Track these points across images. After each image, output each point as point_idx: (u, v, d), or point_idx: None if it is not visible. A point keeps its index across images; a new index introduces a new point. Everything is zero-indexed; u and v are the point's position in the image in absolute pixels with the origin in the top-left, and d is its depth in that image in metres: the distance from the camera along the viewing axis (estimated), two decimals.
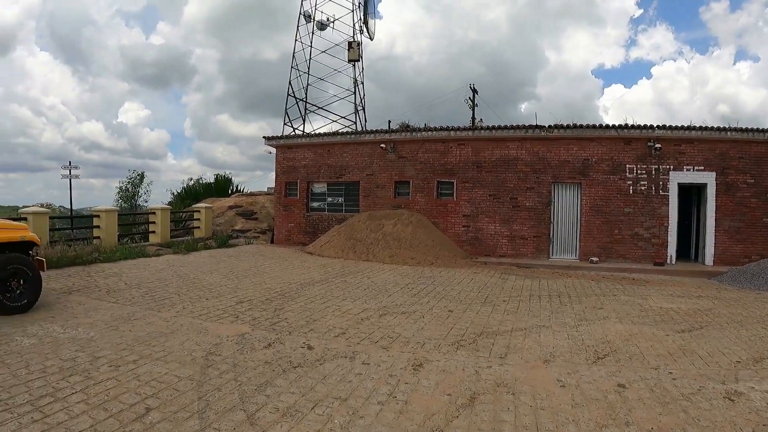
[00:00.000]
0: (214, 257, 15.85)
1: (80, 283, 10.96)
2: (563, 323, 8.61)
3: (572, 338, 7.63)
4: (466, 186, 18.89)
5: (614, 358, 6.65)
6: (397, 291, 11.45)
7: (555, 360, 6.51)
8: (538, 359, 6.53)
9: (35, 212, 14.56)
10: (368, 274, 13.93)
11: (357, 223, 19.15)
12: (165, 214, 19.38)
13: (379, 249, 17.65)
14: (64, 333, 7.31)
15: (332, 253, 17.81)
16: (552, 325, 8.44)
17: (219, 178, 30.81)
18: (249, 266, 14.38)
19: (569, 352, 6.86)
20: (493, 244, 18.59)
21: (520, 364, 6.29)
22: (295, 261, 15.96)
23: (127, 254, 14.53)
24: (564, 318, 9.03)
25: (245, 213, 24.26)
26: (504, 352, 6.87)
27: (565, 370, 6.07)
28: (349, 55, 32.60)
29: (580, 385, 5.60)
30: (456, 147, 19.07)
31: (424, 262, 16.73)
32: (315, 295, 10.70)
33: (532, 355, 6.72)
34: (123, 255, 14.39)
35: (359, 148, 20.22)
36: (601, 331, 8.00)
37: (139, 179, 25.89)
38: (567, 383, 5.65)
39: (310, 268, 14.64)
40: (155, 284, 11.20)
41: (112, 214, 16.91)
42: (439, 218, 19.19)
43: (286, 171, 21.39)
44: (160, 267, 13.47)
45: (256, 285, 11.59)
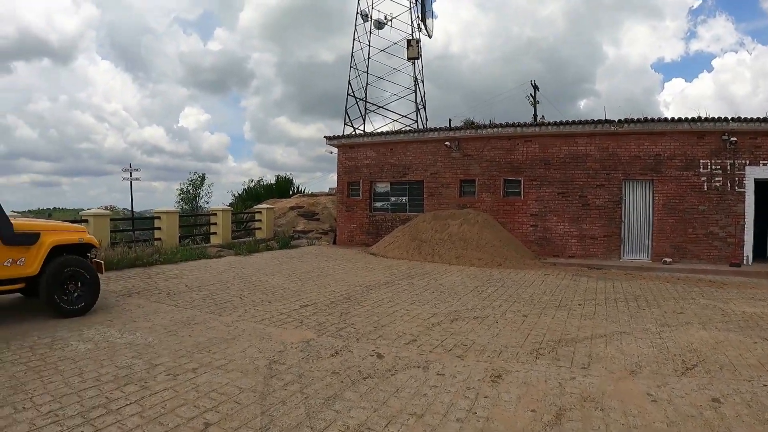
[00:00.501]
0: (276, 259, 15.40)
1: (140, 286, 10.62)
2: (644, 329, 7.94)
3: (656, 346, 6.98)
4: (533, 184, 17.99)
5: (703, 369, 6.04)
6: (466, 294, 10.75)
7: (642, 371, 5.94)
8: (624, 370, 5.96)
9: (96, 214, 14.43)
10: (435, 276, 13.23)
11: (421, 223, 18.42)
12: (226, 215, 19.12)
13: (444, 250, 16.89)
14: (121, 338, 6.88)
15: (397, 254, 17.13)
16: (633, 332, 7.77)
17: (280, 179, 30.63)
18: (312, 268, 13.83)
19: (655, 362, 6.25)
20: (561, 245, 17.66)
21: (605, 376, 5.74)
22: (359, 262, 15.35)
23: (187, 256, 14.22)
24: (644, 323, 8.35)
25: (307, 214, 23.86)
26: (586, 362, 6.26)
27: (653, 382, 5.53)
28: (408, 53, 31.91)
29: (672, 399, 5.08)
30: (522, 144, 18.17)
31: (492, 264, 15.89)
32: (382, 298, 10.05)
33: (617, 365, 6.12)
34: (184, 256, 14.08)
35: (423, 147, 19.49)
36: (685, 338, 7.36)
37: (200, 181, 25.92)
38: (658, 397, 5.12)
39: (374, 269, 13.99)
40: (216, 286, 10.76)
41: (173, 216, 16.70)
42: (505, 218, 18.31)
43: (348, 171, 20.85)
44: (221, 269, 13.07)
45: (320, 288, 11.00)
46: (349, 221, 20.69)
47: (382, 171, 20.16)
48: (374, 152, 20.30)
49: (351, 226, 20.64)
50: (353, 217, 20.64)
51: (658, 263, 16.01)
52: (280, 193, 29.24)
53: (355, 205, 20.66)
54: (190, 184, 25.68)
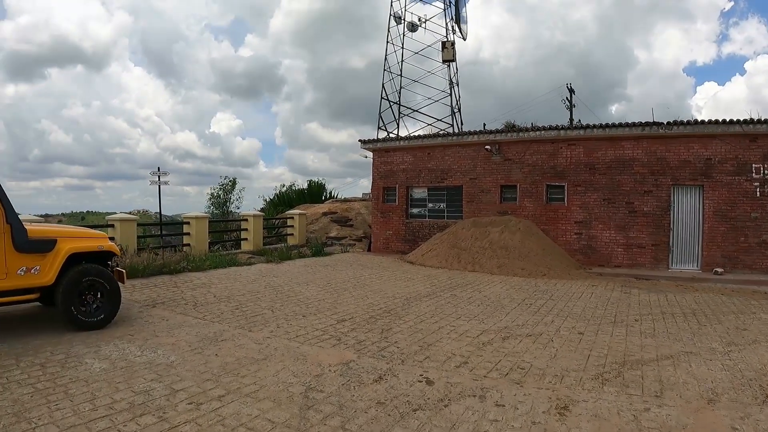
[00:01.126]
0: (310, 267, 14.67)
1: (165, 295, 9.96)
2: (711, 349, 7.18)
3: (728, 369, 6.27)
4: (578, 190, 17.05)
5: None
6: (514, 307, 9.94)
7: (719, 399, 5.28)
8: (701, 398, 5.29)
9: (122, 219, 13.91)
10: (478, 286, 12.41)
11: (461, 230, 17.56)
12: (257, 220, 18.50)
13: (485, 259, 16.01)
14: (141, 356, 6.20)
15: (435, 263, 16.30)
16: (699, 352, 7.01)
17: (312, 184, 30.00)
18: (347, 277, 13.07)
19: (732, 389, 5.56)
20: (607, 253, 16.71)
21: (681, 406, 5.08)
22: (397, 271, 14.54)
23: (217, 263, 13.58)
24: (709, 341, 7.59)
25: (340, 220, 23.15)
26: (658, 389, 5.53)
27: (735, 413, 4.89)
28: (444, 56, 31.07)
29: None
30: (566, 147, 17.26)
31: (536, 273, 14.98)
32: (424, 312, 9.25)
33: (692, 393, 5.44)
34: (213, 264, 13.44)
35: (461, 151, 18.64)
36: (756, 360, 6.63)
37: (230, 185, 25.31)
38: None
39: (413, 279, 13.18)
40: (246, 297, 10.05)
41: (203, 221, 16.11)
42: (548, 225, 17.38)
43: (383, 176, 20.08)
44: (251, 277, 12.38)
45: (357, 300, 10.22)
46: (385, 228, 19.91)
47: (419, 176, 19.34)
48: (411, 156, 19.49)
49: (386, 232, 19.85)
50: (389, 224, 19.85)
51: (709, 273, 15.05)
52: (312, 199, 28.60)
53: (390, 211, 19.87)
54: (220, 189, 25.15)
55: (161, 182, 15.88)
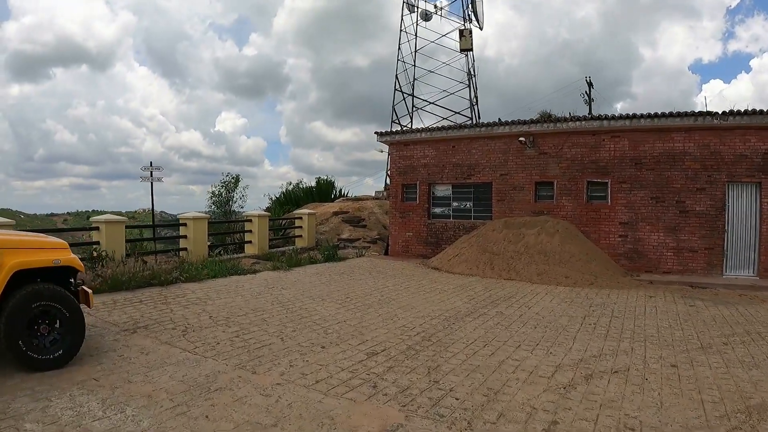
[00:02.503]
0: (323, 275, 12.77)
1: (151, 315, 8.08)
2: None
3: None
4: (622, 187, 15.19)
5: None
6: (578, 329, 8.16)
7: None
8: None
9: (108, 221, 12.05)
10: (523, 300, 10.63)
11: (491, 232, 15.67)
12: (263, 221, 16.61)
13: (522, 265, 14.14)
14: (102, 418, 4.43)
15: (464, 269, 14.41)
16: None
17: (321, 182, 28.01)
18: (369, 289, 11.19)
19: None
20: (655, 258, 14.88)
21: None
22: (423, 280, 12.64)
23: (216, 271, 11.69)
24: None
25: (352, 220, 21.26)
26: None
27: None
28: (461, 44, 29.19)
29: None
30: (609, 140, 15.39)
31: (582, 282, 13.18)
32: (473, 338, 7.43)
33: None
34: (211, 272, 11.56)
35: (490, 144, 16.71)
36: None
37: (233, 183, 23.23)
38: None
39: (445, 291, 11.31)
40: (249, 318, 8.16)
41: (201, 223, 14.22)
42: (589, 226, 15.50)
43: (402, 171, 18.13)
44: (256, 289, 10.49)
45: (386, 321, 8.33)
46: (404, 229, 17.97)
47: (443, 171, 17.40)
48: (433, 150, 17.56)
49: (406, 234, 17.91)
50: (408, 225, 17.91)
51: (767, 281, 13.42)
52: (321, 197, 26.67)
53: (410, 211, 17.92)
54: (222, 187, 23.13)
55: (154, 179, 13.92)
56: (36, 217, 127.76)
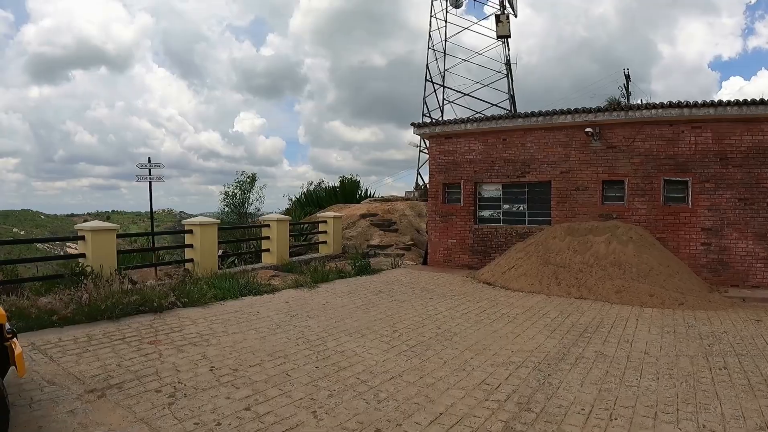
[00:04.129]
0: (357, 294, 10.41)
1: (130, 365, 5.78)
2: None
3: None
4: (705, 187, 12.78)
5: None
6: (708, 377, 6.01)
7: None
8: None
9: (95, 228, 9.83)
10: (614, 329, 8.26)
11: (551, 240, 13.25)
12: (282, 226, 14.30)
13: (594, 280, 11.76)
14: None
15: (524, 285, 12.03)
16: None
17: (345, 182, 25.55)
18: (418, 315, 8.83)
19: None
20: (743, 270, 12.50)
21: None
22: (482, 301, 10.25)
23: (225, 291, 9.40)
24: None
25: (382, 223, 18.90)
26: None
27: None
28: (498, 30, 26.73)
29: None
30: (689, 131, 12.97)
31: (669, 302, 10.86)
32: (586, 402, 5.24)
33: None
34: (219, 293, 9.28)
35: (549, 136, 14.25)
36: None
37: (249, 183, 20.68)
38: None
39: (514, 317, 8.94)
40: (267, 370, 5.83)
41: (210, 229, 11.92)
42: (666, 233, 13.13)
43: (443, 169, 15.67)
44: (275, 318, 8.15)
45: (456, 372, 6.00)
46: (446, 235, 15.51)
47: (492, 168, 14.93)
48: (480, 144, 15.09)
49: (448, 241, 15.45)
50: (451, 230, 15.45)
51: None
52: (345, 198, 24.29)
53: (453, 214, 15.46)
54: (237, 187, 20.66)
55: (153, 177, 11.55)
56: (56, 217, 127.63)
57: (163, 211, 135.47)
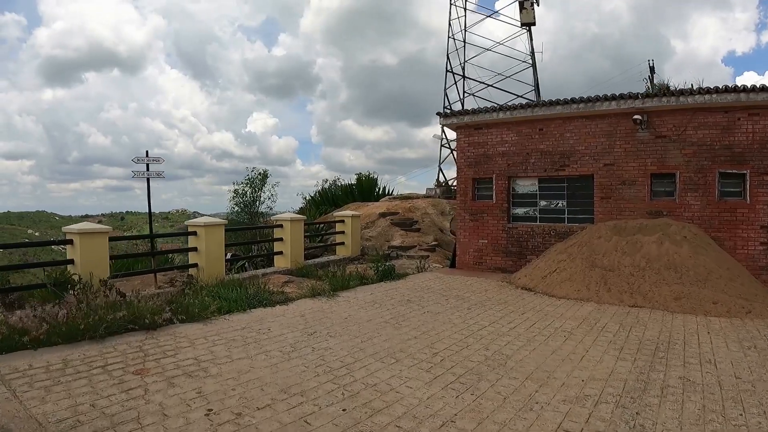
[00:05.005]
0: (383, 305, 9.09)
1: (104, 408, 4.55)
2: None
3: None
4: (764, 180, 11.40)
5: None
6: None
7: None
8: None
9: (84, 231, 8.60)
10: (688, 346, 6.93)
11: (596, 239, 11.90)
12: (297, 226, 13.02)
13: (648, 285, 10.43)
14: None
15: (570, 291, 10.69)
16: None
17: (362, 179, 24.16)
18: (459, 331, 7.50)
19: None
20: None
21: None
22: (527, 312, 8.92)
23: (231, 303, 8.11)
24: None
25: (403, 223, 17.57)
26: None
27: None
28: (522, 18, 25.32)
29: None
30: (746, 118, 11.60)
31: (736, 310, 9.64)
32: None
33: None
34: (224, 304, 8.00)
35: (591, 125, 12.85)
36: None
37: (260, 179, 19.21)
38: None
39: (570, 332, 7.63)
40: (278, 412, 4.60)
41: (216, 231, 10.65)
42: (720, 231, 11.79)
43: (473, 162, 14.28)
44: (289, 338, 6.85)
45: (521, 413, 4.75)
46: (476, 235, 14.11)
47: (527, 162, 13.52)
48: (514, 134, 13.69)
49: (479, 242, 14.05)
50: (482, 230, 14.05)
51: None
52: (363, 196, 22.94)
53: (484, 212, 14.07)
54: (247, 184, 19.24)
55: (151, 174, 10.22)
56: (71, 218, 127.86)
57: (177, 211, 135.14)
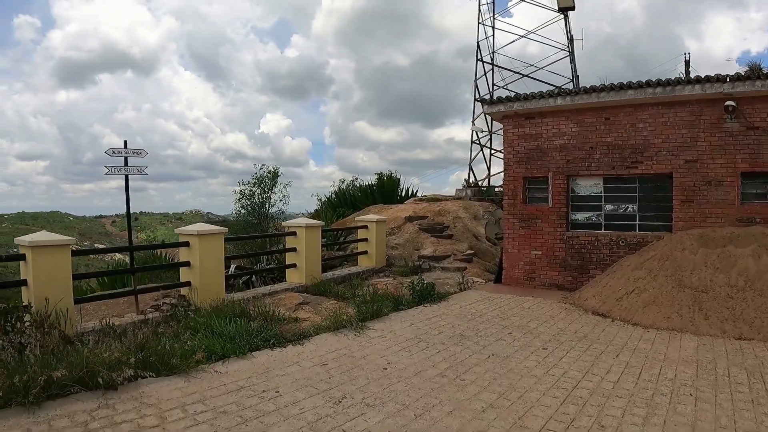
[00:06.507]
0: (430, 343, 6.93)
1: None
2: None
3: None
4: None
5: None
6: None
7: None
8: None
9: (37, 244, 6.49)
10: None
11: (679, 252, 9.70)
12: (313, 234, 10.87)
13: (752, 311, 8.47)
14: None
15: (657, 318, 8.55)
16: None
17: (383, 179, 21.87)
18: (550, 395, 5.37)
19: None
20: None
21: None
22: (622, 352, 6.77)
23: (226, 346, 5.89)
24: None
25: (433, 228, 15.41)
26: None
27: None
28: (560, 2, 23.02)
29: None
30: None
31: None
32: None
33: None
34: (218, 349, 5.81)
35: (669, 113, 10.60)
36: None
37: (270, 179, 16.88)
38: None
39: (691, 387, 5.52)
40: None
41: (214, 241, 8.51)
42: None
43: (524, 158, 11.98)
44: (306, 411, 4.70)
45: None
46: (528, 245, 11.81)
47: (590, 157, 11.22)
48: (574, 124, 11.40)
49: (530, 253, 11.74)
50: (535, 239, 11.75)
51: None
52: (384, 198, 20.69)
53: (538, 218, 11.77)
54: (255, 184, 16.93)
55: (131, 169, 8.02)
56: (85, 219, 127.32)
57: (191, 212, 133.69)
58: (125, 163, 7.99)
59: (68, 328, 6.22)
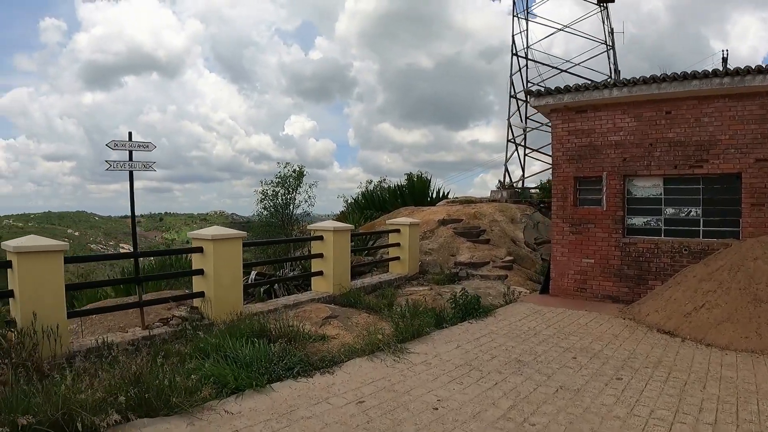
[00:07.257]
0: (483, 371, 5.89)
1: None
2: None
3: None
4: None
5: None
6: None
7: None
8: None
9: (23, 250, 5.61)
10: None
11: (751, 261, 8.60)
12: (341, 238, 9.90)
13: None
14: None
15: (732, 337, 7.54)
16: None
17: (413, 179, 20.79)
18: None
19: None
20: None
21: None
22: (708, 383, 5.67)
23: (240, 375, 4.90)
24: None
25: (469, 232, 14.35)
26: None
27: None
28: None
29: None
30: None
31: None
32: None
33: None
34: (231, 378, 4.82)
35: (737, 106, 9.43)
36: None
37: (295, 178, 15.88)
38: None
39: None
40: None
41: (231, 246, 7.56)
42: None
43: (575, 156, 10.82)
44: None
45: None
46: (579, 252, 10.66)
47: (649, 155, 10.04)
48: (631, 118, 10.22)
49: (582, 261, 10.59)
50: (587, 245, 10.60)
51: None
52: (414, 199, 19.63)
53: (590, 222, 10.60)
54: (278, 183, 15.94)
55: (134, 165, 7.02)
56: (111, 219, 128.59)
57: (215, 212, 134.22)
58: (130, 158, 7.05)
59: (57, 347, 5.32)
